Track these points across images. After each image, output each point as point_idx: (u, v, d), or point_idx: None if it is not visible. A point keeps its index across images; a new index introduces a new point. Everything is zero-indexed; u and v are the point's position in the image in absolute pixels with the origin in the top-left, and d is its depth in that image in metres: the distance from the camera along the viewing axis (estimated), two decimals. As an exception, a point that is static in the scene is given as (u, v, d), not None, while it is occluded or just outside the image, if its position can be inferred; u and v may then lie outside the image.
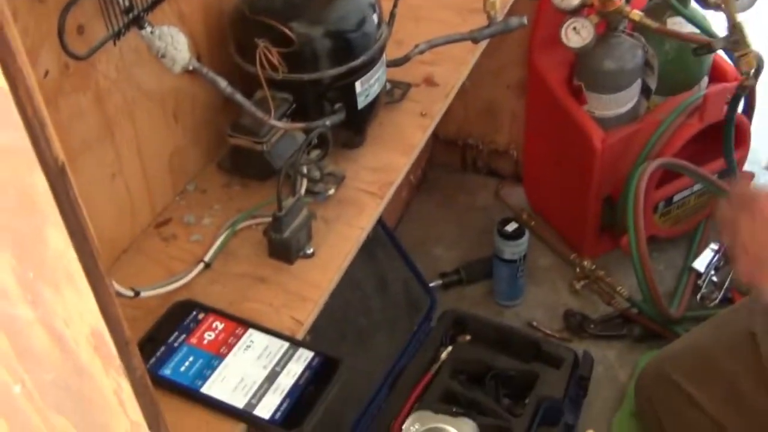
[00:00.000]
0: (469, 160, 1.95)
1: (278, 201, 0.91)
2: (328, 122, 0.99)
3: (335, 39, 0.98)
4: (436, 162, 1.97)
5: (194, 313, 0.86)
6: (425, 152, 1.92)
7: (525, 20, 1.16)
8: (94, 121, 0.88)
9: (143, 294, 0.86)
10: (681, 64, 1.58)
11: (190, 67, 0.87)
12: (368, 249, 1.38)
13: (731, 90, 1.51)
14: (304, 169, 0.99)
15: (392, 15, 1.16)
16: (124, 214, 0.97)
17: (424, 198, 1.90)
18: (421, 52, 1.13)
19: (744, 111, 1.62)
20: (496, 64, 1.74)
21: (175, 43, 0.86)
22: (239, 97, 0.92)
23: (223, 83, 0.90)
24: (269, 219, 0.95)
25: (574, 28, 1.47)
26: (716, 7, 1.46)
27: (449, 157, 1.96)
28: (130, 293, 0.84)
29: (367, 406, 1.34)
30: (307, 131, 1.00)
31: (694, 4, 1.52)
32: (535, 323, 1.59)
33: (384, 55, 1.07)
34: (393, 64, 1.12)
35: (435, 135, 1.90)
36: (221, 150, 1.09)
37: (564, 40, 1.48)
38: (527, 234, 1.58)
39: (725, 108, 1.53)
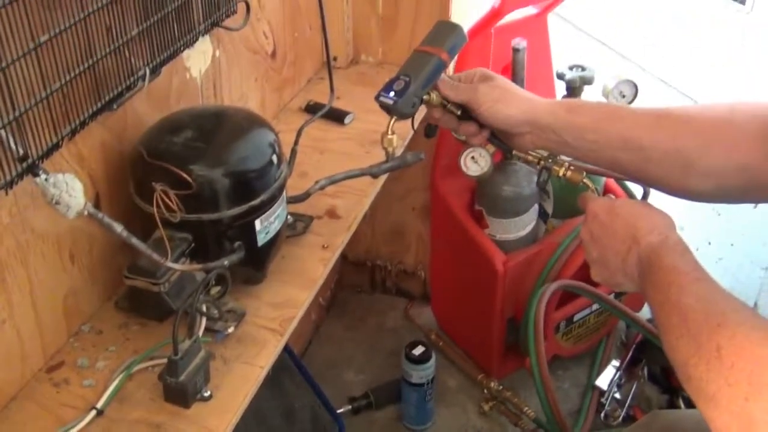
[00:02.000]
0: (378, 281, 1.97)
1: (174, 344, 0.91)
2: (226, 262, 1.00)
3: (234, 180, 1.00)
4: (346, 283, 1.98)
5: (82, 467, 0.83)
6: (334, 274, 1.94)
7: (422, 155, 1.21)
8: (-17, 268, 0.87)
9: (27, 449, 0.83)
10: (575, 188, 1.66)
11: (85, 213, 0.87)
12: (274, 378, 1.37)
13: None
14: (203, 308, 0.99)
15: (293, 152, 1.20)
16: (14, 359, 0.94)
17: (333, 320, 1.90)
18: (322, 188, 1.16)
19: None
20: (401, 188, 1.79)
21: (70, 190, 0.86)
22: (135, 241, 0.92)
23: (118, 228, 0.91)
24: (166, 360, 0.93)
25: (473, 158, 1.53)
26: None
27: (358, 277, 1.98)
28: (14, 449, 0.81)
29: None
30: (206, 271, 1.00)
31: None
32: (444, 448, 1.59)
33: (284, 193, 1.10)
34: (293, 200, 1.14)
35: (344, 256, 1.93)
36: (120, 288, 1.08)
37: (463, 168, 1.54)
38: (434, 357, 1.60)
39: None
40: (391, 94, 1.10)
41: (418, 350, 1.58)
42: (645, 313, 1.78)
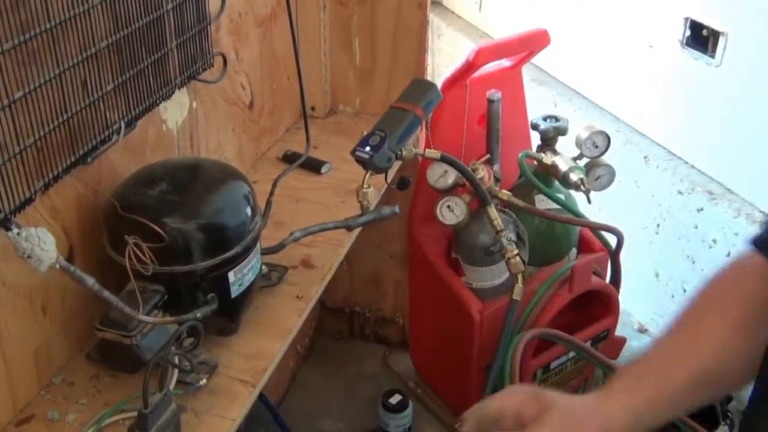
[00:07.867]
0: (357, 328, 1.97)
1: (144, 398, 0.90)
2: (198, 314, 1.00)
3: (208, 233, 1.01)
4: (324, 330, 1.98)
5: None
6: (312, 321, 1.94)
7: (397, 209, 1.22)
8: (-47, 321, 0.87)
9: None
10: (550, 237, 1.68)
11: (57, 266, 0.88)
12: (248, 429, 1.36)
13: (597, 260, 1.61)
14: (175, 360, 0.99)
15: (268, 203, 1.21)
16: (-18, 414, 0.93)
17: (311, 367, 1.90)
18: (296, 240, 1.17)
19: (611, 280, 1.72)
20: (378, 236, 1.80)
21: (42, 244, 0.86)
22: (107, 294, 0.92)
23: (90, 281, 0.91)
24: (136, 413, 0.93)
25: (449, 206, 1.55)
26: (576, 187, 1.58)
27: (337, 324, 1.98)
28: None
29: None
30: (178, 323, 1.00)
31: (557, 184, 1.63)
32: (421, 498, 1.58)
33: (258, 244, 1.10)
34: (268, 251, 1.15)
35: (322, 303, 1.93)
36: (92, 338, 1.08)
37: (439, 217, 1.55)
38: (411, 405, 1.59)
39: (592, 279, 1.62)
40: (367, 148, 1.12)
41: (395, 399, 1.58)
42: (622, 360, 1.78)
